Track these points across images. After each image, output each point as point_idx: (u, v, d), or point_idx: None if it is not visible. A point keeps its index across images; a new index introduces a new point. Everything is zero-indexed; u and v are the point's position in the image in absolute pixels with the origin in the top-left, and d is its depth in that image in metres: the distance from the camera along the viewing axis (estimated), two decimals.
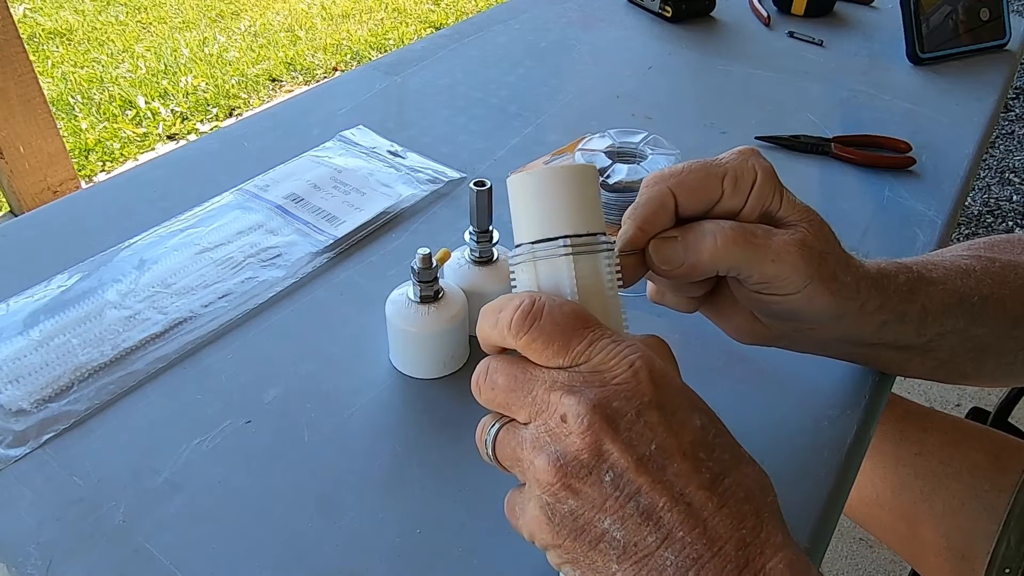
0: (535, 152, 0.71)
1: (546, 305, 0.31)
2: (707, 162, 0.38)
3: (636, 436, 0.29)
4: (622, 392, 0.30)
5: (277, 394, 0.47)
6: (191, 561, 0.38)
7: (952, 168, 0.71)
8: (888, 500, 0.73)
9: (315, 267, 0.56)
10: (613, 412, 0.29)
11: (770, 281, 0.38)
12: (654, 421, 0.29)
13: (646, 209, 0.38)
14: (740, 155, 0.38)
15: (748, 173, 0.38)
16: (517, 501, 0.34)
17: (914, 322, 0.42)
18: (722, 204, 0.38)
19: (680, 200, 0.38)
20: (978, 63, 0.90)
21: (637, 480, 0.29)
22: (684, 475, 0.29)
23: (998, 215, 2.08)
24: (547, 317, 0.31)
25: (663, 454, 0.29)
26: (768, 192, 0.38)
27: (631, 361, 0.30)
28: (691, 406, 0.31)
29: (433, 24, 3.28)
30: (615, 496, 0.29)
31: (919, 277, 0.42)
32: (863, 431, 0.47)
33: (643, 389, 0.30)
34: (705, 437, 0.30)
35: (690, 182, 0.38)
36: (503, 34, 0.92)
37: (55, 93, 2.52)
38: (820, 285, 0.38)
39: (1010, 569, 0.65)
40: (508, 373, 0.32)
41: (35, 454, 0.43)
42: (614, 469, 0.29)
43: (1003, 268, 0.45)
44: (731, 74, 0.86)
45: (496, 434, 0.33)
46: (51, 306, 0.51)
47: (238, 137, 0.70)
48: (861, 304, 0.39)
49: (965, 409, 0.92)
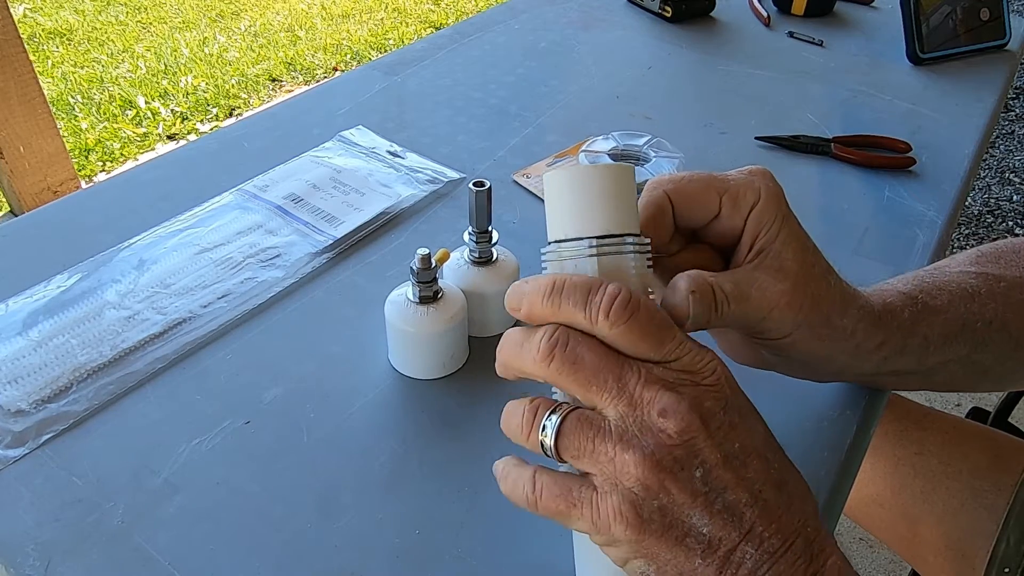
0: (535, 152, 0.71)
1: (641, 300, 0.31)
2: (711, 175, 0.37)
3: (723, 436, 0.30)
4: (712, 393, 0.31)
5: (277, 394, 0.47)
6: (190, 561, 0.38)
7: (952, 168, 0.71)
8: (888, 500, 0.73)
9: (314, 267, 0.56)
10: (706, 412, 0.30)
11: (761, 332, 0.37)
12: (736, 422, 0.31)
13: (643, 213, 0.37)
14: (748, 174, 0.37)
15: (750, 194, 0.36)
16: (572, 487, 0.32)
17: (915, 353, 0.41)
18: (720, 222, 0.37)
19: (677, 208, 0.37)
20: (978, 63, 0.90)
21: (724, 476, 0.30)
22: (761, 473, 0.30)
23: (998, 215, 2.08)
24: (644, 309, 0.31)
25: (744, 452, 0.30)
26: (768, 219, 0.36)
27: (715, 365, 0.31)
28: (755, 411, 0.32)
29: (433, 24, 3.28)
30: (704, 492, 0.30)
31: (923, 307, 0.41)
32: (863, 431, 0.47)
33: (726, 392, 0.31)
34: (769, 440, 0.32)
35: (689, 191, 0.37)
36: (503, 34, 0.92)
37: (55, 93, 2.52)
38: (809, 331, 0.37)
39: (1009, 568, 0.65)
40: (598, 352, 0.31)
41: (34, 454, 0.43)
42: (704, 466, 0.30)
43: (1009, 288, 0.44)
44: (731, 74, 0.86)
45: (560, 423, 0.31)
46: (50, 306, 0.51)
47: (238, 137, 0.70)
48: (857, 344, 0.39)
49: (965, 409, 0.92)
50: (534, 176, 0.63)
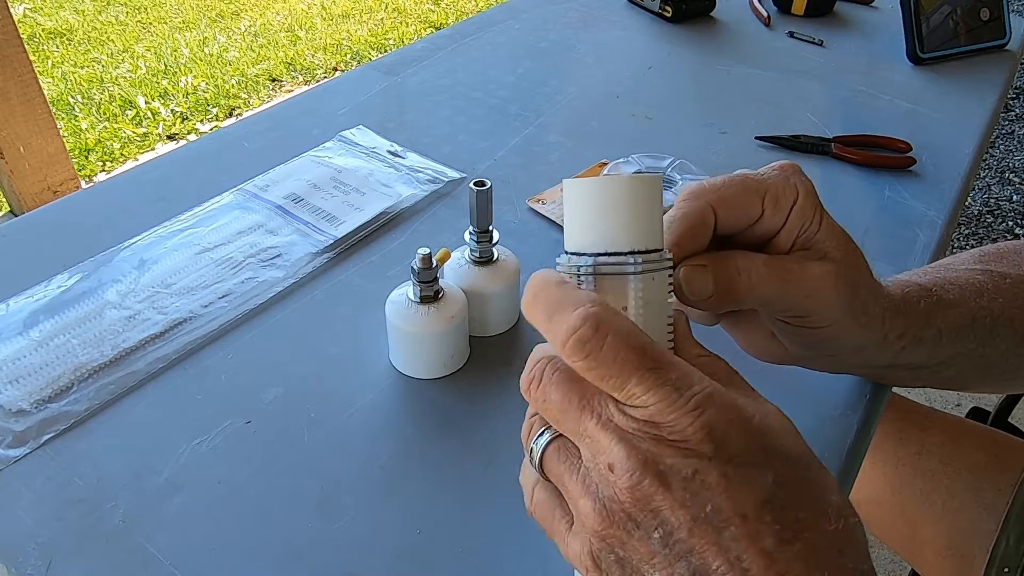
0: (535, 152, 0.71)
1: (610, 334, 0.28)
2: (747, 177, 0.36)
3: (691, 496, 0.27)
4: (680, 449, 0.27)
5: (277, 394, 0.47)
6: (191, 561, 0.38)
7: (952, 168, 0.71)
8: (888, 499, 0.73)
9: (315, 267, 0.56)
10: (667, 469, 0.27)
11: (802, 315, 0.37)
12: (712, 481, 0.27)
13: (683, 225, 0.35)
14: (781, 171, 0.36)
15: (789, 192, 0.36)
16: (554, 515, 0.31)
17: (929, 345, 0.41)
18: (761, 224, 0.36)
19: (720, 217, 0.36)
20: (978, 63, 0.90)
21: (689, 541, 0.27)
22: (743, 539, 0.26)
23: (998, 215, 2.08)
24: (608, 348, 0.28)
25: (719, 516, 0.26)
26: (808, 214, 0.36)
27: (696, 414, 0.27)
28: (764, 459, 0.27)
29: (433, 24, 3.28)
30: (664, 554, 0.27)
31: (938, 300, 0.41)
32: (863, 431, 0.47)
33: (703, 447, 0.27)
34: (776, 494, 0.27)
35: (731, 199, 0.35)
36: (503, 34, 0.92)
37: (55, 93, 2.52)
38: (851, 319, 0.37)
39: (1009, 568, 0.65)
40: (563, 392, 0.29)
41: (35, 454, 0.43)
42: (664, 527, 0.27)
43: (1014, 285, 0.45)
44: (731, 74, 0.86)
45: (546, 447, 0.31)
46: (51, 306, 0.51)
47: (238, 137, 0.70)
48: (885, 335, 0.39)
49: (965, 409, 0.92)
50: (549, 202, 0.63)
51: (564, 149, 0.71)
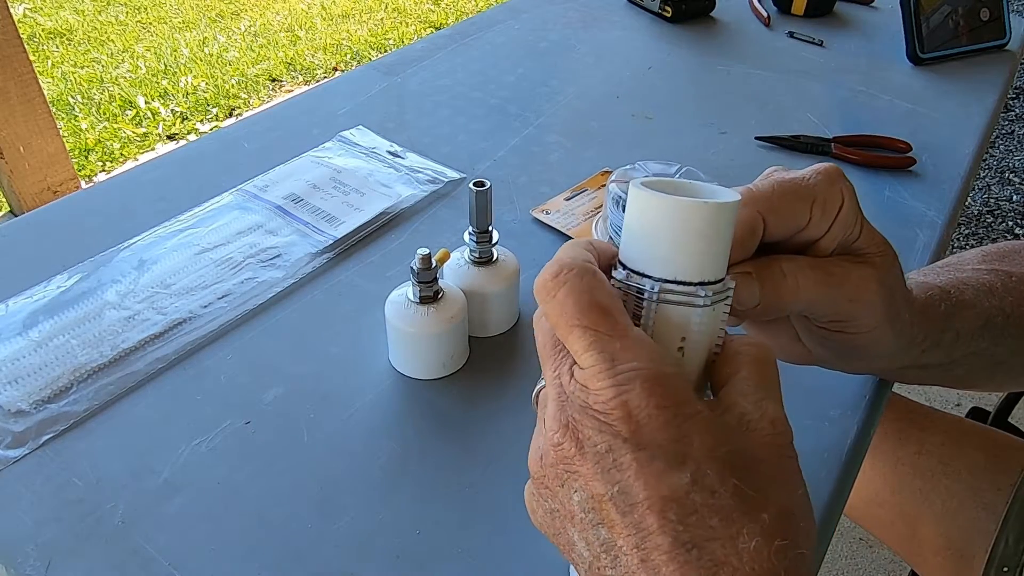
0: (535, 152, 0.71)
1: (566, 283, 0.28)
2: (795, 183, 0.34)
3: (603, 471, 0.27)
4: (600, 421, 0.27)
5: (277, 394, 0.47)
6: (190, 562, 0.38)
7: (952, 168, 0.71)
8: (888, 499, 0.73)
9: (315, 267, 0.56)
10: (584, 439, 0.27)
11: (843, 320, 0.36)
12: (625, 462, 0.26)
13: (735, 234, 0.33)
14: (826, 177, 0.34)
15: (835, 198, 0.34)
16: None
17: (946, 346, 0.41)
18: (806, 231, 0.35)
19: (768, 224, 0.34)
20: (978, 63, 0.90)
21: (602, 511, 0.27)
22: (645, 529, 0.26)
23: (998, 215, 2.08)
24: (560, 298, 0.28)
25: (627, 499, 0.26)
26: (851, 220, 0.35)
27: (619, 391, 0.26)
28: (681, 458, 0.26)
29: (433, 24, 3.28)
30: (581, 517, 0.28)
31: (956, 303, 0.41)
32: (863, 431, 0.47)
33: (620, 427, 0.26)
34: (687, 495, 0.26)
35: (781, 207, 0.34)
36: (503, 34, 0.92)
37: (55, 93, 2.51)
38: (888, 325, 0.36)
39: (1008, 567, 0.65)
40: (540, 340, 0.30)
41: (34, 455, 0.43)
42: (583, 491, 0.27)
43: (1020, 282, 0.45)
44: (731, 74, 0.86)
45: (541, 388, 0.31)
46: (50, 307, 0.51)
47: (238, 137, 0.70)
48: (911, 339, 0.39)
49: (965, 409, 0.92)
50: (553, 212, 0.63)
51: (564, 149, 0.71)
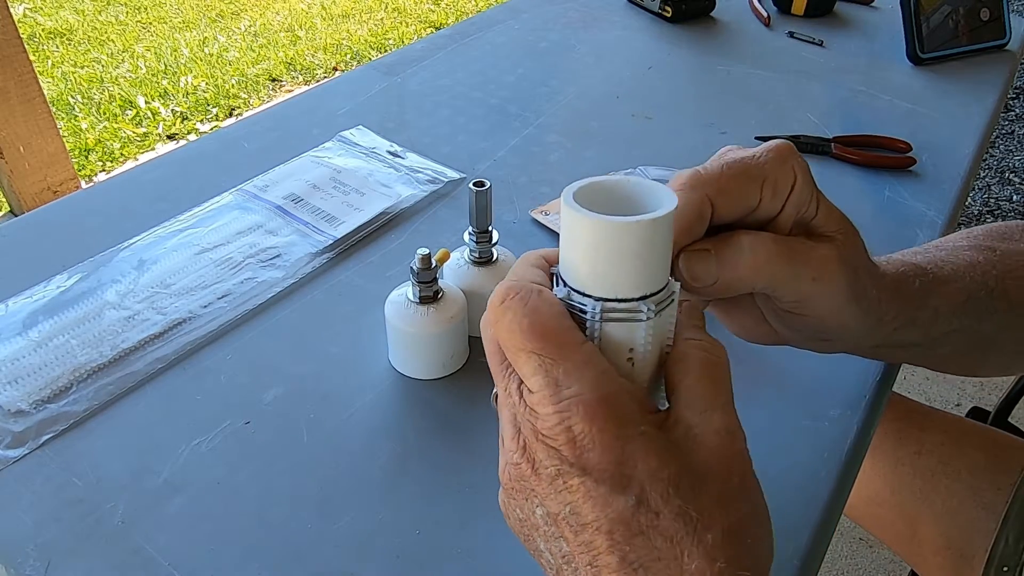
0: (534, 153, 0.71)
1: (511, 308, 0.28)
2: (744, 163, 0.34)
3: (555, 493, 0.28)
4: (548, 446, 0.27)
5: (276, 394, 0.47)
6: (190, 562, 0.38)
7: (952, 168, 0.71)
8: (887, 499, 0.73)
9: (314, 267, 0.56)
10: (537, 461, 0.28)
11: (805, 300, 0.35)
12: (573, 485, 0.27)
13: (680, 222, 0.33)
14: (778, 155, 0.34)
15: (787, 177, 0.34)
16: None
17: (923, 324, 0.41)
18: (758, 211, 0.34)
19: (716, 207, 0.33)
20: (978, 63, 0.90)
21: (559, 527, 0.28)
22: (595, 548, 0.27)
23: (998, 215, 2.08)
24: (506, 321, 0.28)
25: (577, 519, 0.27)
26: (806, 198, 0.34)
27: (562, 417, 0.27)
28: (625, 481, 0.26)
29: (433, 24, 3.28)
30: (544, 529, 0.29)
31: (933, 279, 0.40)
32: (863, 431, 0.47)
33: (565, 451, 0.27)
34: (632, 517, 0.26)
35: (730, 189, 0.33)
36: (503, 34, 0.92)
37: (55, 93, 2.52)
38: (854, 304, 0.36)
39: (1008, 567, 0.65)
40: (489, 356, 0.30)
41: (34, 455, 0.43)
42: (542, 507, 0.28)
43: (1003, 256, 0.44)
44: (731, 74, 0.86)
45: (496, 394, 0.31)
46: (50, 307, 0.51)
47: (238, 137, 0.70)
48: (880, 317, 0.38)
49: (965, 409, 0.93)
50: (552, 213, 0.63)
51: (564, 149, 0.71)
